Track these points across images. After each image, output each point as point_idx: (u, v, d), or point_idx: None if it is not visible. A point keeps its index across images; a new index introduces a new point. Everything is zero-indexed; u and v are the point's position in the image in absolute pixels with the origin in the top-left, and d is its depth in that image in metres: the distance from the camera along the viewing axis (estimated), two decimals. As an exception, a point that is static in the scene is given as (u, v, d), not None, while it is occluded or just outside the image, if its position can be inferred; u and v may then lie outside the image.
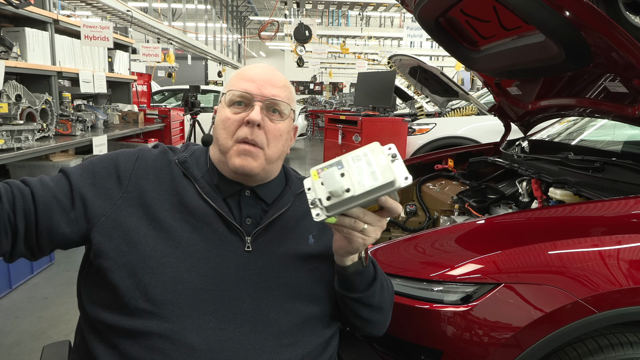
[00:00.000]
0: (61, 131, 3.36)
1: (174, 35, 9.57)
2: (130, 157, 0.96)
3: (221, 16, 16.64)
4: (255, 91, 0.94)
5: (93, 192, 0.89)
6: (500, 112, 2.48)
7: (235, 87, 0.95)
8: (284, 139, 0.98)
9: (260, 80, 0.96)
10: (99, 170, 0.92)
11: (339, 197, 0.72)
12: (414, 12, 2.03)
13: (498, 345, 1.18)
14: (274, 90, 0.96)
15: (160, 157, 0.98)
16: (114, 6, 5.87)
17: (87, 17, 9.76)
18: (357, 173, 0.74)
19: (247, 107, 0.94)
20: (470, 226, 1.48)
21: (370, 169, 0.74)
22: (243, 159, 0.92)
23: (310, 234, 1.00)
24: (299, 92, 23.86)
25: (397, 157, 0.75)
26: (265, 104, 0.94)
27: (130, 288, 0.84)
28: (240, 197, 0.97)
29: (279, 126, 0.96)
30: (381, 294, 0.99)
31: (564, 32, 1.44)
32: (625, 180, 1.53)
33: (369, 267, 0.95)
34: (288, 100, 0.98)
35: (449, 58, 15.08)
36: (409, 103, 6.78)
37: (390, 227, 2.30)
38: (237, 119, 0.94)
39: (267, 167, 0.96)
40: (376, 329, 1.05)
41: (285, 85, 0.99)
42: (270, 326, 0.88)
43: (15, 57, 2.93)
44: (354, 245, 0.82)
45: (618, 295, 1.16)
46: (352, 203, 0.74)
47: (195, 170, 0.97)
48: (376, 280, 0.96)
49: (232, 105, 0.95)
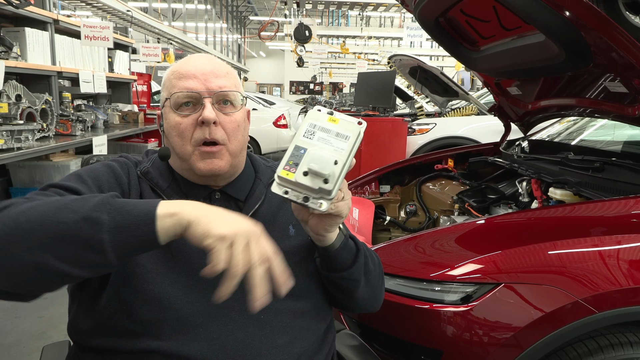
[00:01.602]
0: (61, 131, 3.36)
1: (174, 35, 9.58)
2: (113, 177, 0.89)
3: (221, 16, 16.64)
4: (201, 87, 0.88)
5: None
6: (500, 112, 2.48)
7: (177, 89, 0.89)
8: (242, 129, 0.93)
9: (202, 74, 0.89)
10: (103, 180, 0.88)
11: (335, 175, 0.69)
12: (414, 12, 2.03)
13: (498, 345, 1.18)
14: (219, 81, 0.90)
15: (126, 172, 0.92)
16: (114, 6, 5.87)
17: (87, 17, 9.77)
18: (325, 144, 0.72)
19: (197, 106, 0.89)
20: (470, 226, 1.48)
21: (332, 133, 0.72)
22: (208, 163, 0.88)
23: (290, 224, 0.96)
24: (299, 92, 23.86)
25: (333, 112, 0.74)
26: (214, 98, 0.89)
27: (117, 309, 0.81)
28: (211, 201, 0.93)
29: (234, 117, 0.91)
30: (366, 266, 0.95)
31: (564, 32, 1.44)
32: (625, 180, 1.53)
33: (349, 240, 0.91)
34: (236, 88, 0.92)
35: (449, 58, 15.08)
36: (409, 103, 6.78)
37: (390, 227, 2.30)
38: (190, 122, 0.88)
39: (233, 161, 0.92)
40: (370, 304, 1.02)
41: (229, 72, 0.93)
42: (262, 329, 0.86)
43: (15, 57, 2.93)
44: (342, 214, 0.78)
45: (618, 295, 1.16)
46: (342, 172, 0.71)
47: (159, 181, 0.92)
48: (359, 251, 0.93)
49: (180, 108, 0.89)
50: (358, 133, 0.72)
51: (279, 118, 7.38)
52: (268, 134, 7.28)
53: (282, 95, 25.85)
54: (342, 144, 0.71)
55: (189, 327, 0.83)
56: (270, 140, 7.30)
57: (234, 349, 0.84)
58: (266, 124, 7.29)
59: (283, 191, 0.71)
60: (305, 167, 0.70)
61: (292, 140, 0.73)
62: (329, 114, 0.74)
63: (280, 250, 0.91)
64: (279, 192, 0.71)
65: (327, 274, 0.92)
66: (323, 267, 0.93)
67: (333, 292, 0.98)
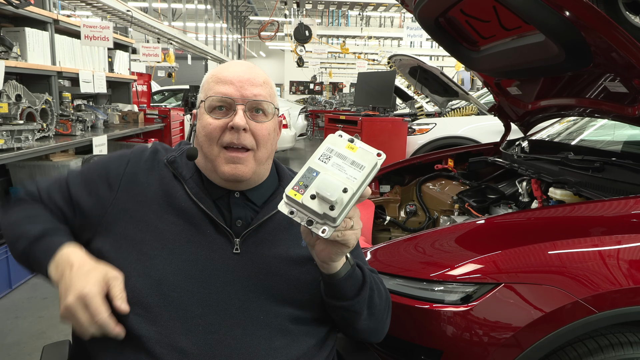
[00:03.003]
0: (61, 131, 3.36)
1: (174, 35, 9.57)
2: (122, 161, 0.96)
3: (221, 16, 16.64)
4: (236, 94, 0.90)
5: (89, 202, 0.92)
6: (500, 112, 2.48)
7: (213, 92, 0.91)
8: (272, 138, 0.95)
9: (239, 81, 0.91)
10: (93, 178, 0.94)
11: (342, 202, 0.68)
12: (414, 12, 2.03)
13: (498, 345, 1.18)
14: (254, 89, 0.92)
15: (150, 158, 0.97)
16: (114, 6, 5.87)
17: (87, 17, 9.76)
18: (339, 170, 0.70)
19: (229, 111, 0.91)
20: (470, 226, 1.48)
21: (347, 160, 0.71)
22: (233, 167, 0.90)
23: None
24: (299, 92, 23.86)
25: (354, 140, 0.73)
26: (247, 106, 0.91)
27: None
28: (230, 198, 0.94)
29: (265, 126, 0.92)
30: (372, 299, 0.95)
31: (564, 32, 1.44)
32: (625, 180, 1.53)
33: (356, 270, 0.90)
34: (270, 98, 0.94)
35: (449, 58, 15.08)
36: (409, 103, 6.78)
37: (390, 227, 2.30)
38: (220, 125, 0.90)
39: (258, 169, 0.93)
40: (372, 336, 1.01)
41: (265, 81, 0.95)
42: (261, 329, 0.86)
43: (15, 57, 2.93)
44: (349, 243, 0.77)
45: (618, 295, 1.16)
46: (352, 202, 0.69)
47: (184, 171, 0.95)
48: (365, 283, 0.92)
49: (213, 111, 0.91)
50: (374, 164, 0.70)
51: (279, 118, 7.37)
52: (268, 134, 7.26)
53: (282, 95, 25.83)
54: (356, 173, 0.70)
55: (187, 317, 0.83)
56: (270, 140, 7.27)
57: (231, 346, 0.84)
58: (266, 124, 7.26)
59: (289, 210, 0.70)
60: (313, 190, 0.69)
61: (307, 162, 0.73)
62: (349, 141, 0.73)
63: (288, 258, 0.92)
64: (285, 210, 0.71)
65: (328, 300, 0.92)
66: (325, 293, 0.92)
67: (334, 318, 0.97)
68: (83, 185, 0.94)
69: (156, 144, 1.02)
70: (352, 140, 0.73)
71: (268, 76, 0.97)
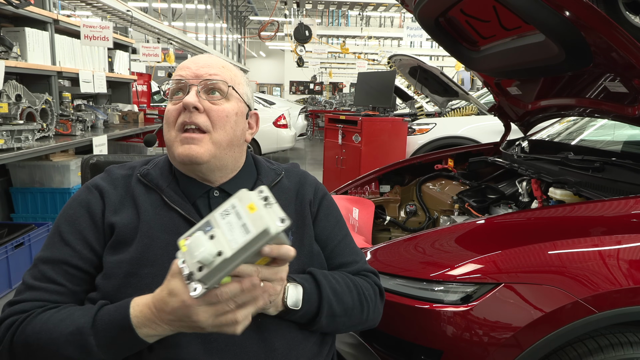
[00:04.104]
0: (61, 131, 3.36)
1: (174, 35, 9.58)
2: (95, 197, 0.91)
3: (221, 16, 16.64)
4: (191, 76, 0.90)
5: (86, 249, 0.88)
6: (500, 112, 2.48)
7: (173, 79, 0.93)
8: (232, 121, 0.91)
9: (196, 65, 0.92)
10: (83, 226, 0.88)
11: (212, 265, 0.63)
12: (414, 12, 2.03)
13: (498, 345, 1.18)
14: (210, 70, 0.91)
15: (121, 182, 0.94)
16: (114, 6, 5.87)
17: (87, 17, 9.77)
18: (228, 230, 0.65)
19: (185, 94, 0.90)
20: (470, 226, 1.48)
21: (241, 221, 0.65)
22: (187, 148, 0.87)
23: (290, 230, 0.95)
24: (299, 92, 23.86)
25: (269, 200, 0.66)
26: (200, 86, 0.89)
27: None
28: (209, 198, 0.93)
29: (222, 107, 0.90)
30: (334, 318, 0.91)
31: (564, 32, 1.44)
32: (625, 180, 1.53)
33: (303, 305, 0.85)
34: (231, 82, 0.92)
35: (449, 58, 15.09)
36: (409, 103, 6.78)
37: (390, 227, 2.30)
38: (176, 108, 0.90)
39: (218, 153, 0.90)
40: (363, 328, 1.00)
41: (225, 66, 0.94)
42: (259, 332, 0.86)
43: (15, 57, 2.93)
44: (258, 305, 0.72)
45: (618, 295, 1.16)
46: (230, 265, 0.64)
47: (160, 181, 0.93)
48: (321, 311, 0.88)
49: (173, 98, 0.92)
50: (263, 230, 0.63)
51: (279, 118, 7.39)
52: (268, 134, 7.29)
53: (282, 95, 25.85)
54: (240, 237, 0.64)
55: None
56: (270, 140, 7.30)
57: (232, 352, 0.83)
58: (266, 124, 7.29)
59: (181, 260, 0.67)
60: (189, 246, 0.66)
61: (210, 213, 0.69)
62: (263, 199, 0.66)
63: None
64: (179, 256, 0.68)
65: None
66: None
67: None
68: (77, 234, 0.88)
69: (112, 169, 0.98)
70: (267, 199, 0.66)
71: (234, 66, 0.96)
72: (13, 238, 2.60)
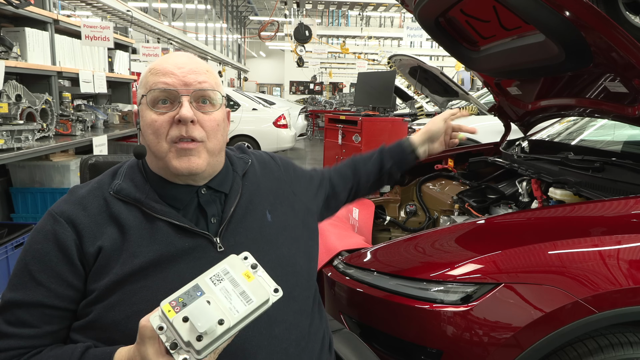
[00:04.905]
0: (61, 131, 3.36)
1: (174, 35, 9.59)
2: (64, 228, 0.83)
3: (221, 16, 16.65)
4: (178, 84, 0.85)
5: (61, 286, 0.82)
6: (500, 112, 2.48)
7: (155, 85, 0.85)
8: (222, 129, 0.90)
9: (181, 70, 0.86)
10: (54, 262, 0.82)
11: (213, 334, 0.60)
12: (414, 12, 2.03)
13: (498, 345, 1.18)
14: (198, 77, 0.86)
15: (91, 202, 0.87)
16: (114, 6, 5.87)
17: (87, 17, 9.77)
18: (224, 297, 0.63)
19: (174, 104, 0.85)
20: (470, 226, 1.48)
21: (238, 289, 0.64)
22: (185, 160, 0.84)
23: (266, 210, 0.95)
24: (299, 92, 23.86)
25: (257, 267, 0.66)
26: (193, 96, 0.85)
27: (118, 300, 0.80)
28: (198, 197, 0.90)
29: (213, 116, 0.87)
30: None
31: (564, 32, 1.44)
32: (625, 180, 1.53)
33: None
34: (217, 87, 0.89)
35: (449, 58, 15.09)
36: (409, 103, 6.78)
37: (390, 227, 2.30)
38: (166, 119, 0.84)
39: (212, 160, 0.89)
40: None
41: (208, 70, 0.90)
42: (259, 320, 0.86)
43: (15, 57, 2.93)
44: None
45: (618, 295, 1.16)
46: (228, 335, 0.62)
47: (136, 194, 0.87)
48: None
49: (156, 106, 0.85)
50: (265, 301, 0.64)
51: (279, 118, 7.39)
52: (268, 134, 7.29)
53: (282, 95, 25.85)
54: (241, 306, 0.63)
55: None
56: (270, 140, 7.31)
57: (235, 343, 0.83)
58: (266, 124, 7.29)
59: (158, 325, 0.62)
60: (187, 312, 0.62)
61: (198, 277, 0.66)
62: (252, 267, 0.67)
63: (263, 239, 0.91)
64: (154, 324, 0.63)
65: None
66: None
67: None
68: (49, 273, 0.81)
69: (76, 189, 0.91)
70: (255, 266, 0.67)
71: (209, 65, 0.93)
72: (13, 238, 2.60)
